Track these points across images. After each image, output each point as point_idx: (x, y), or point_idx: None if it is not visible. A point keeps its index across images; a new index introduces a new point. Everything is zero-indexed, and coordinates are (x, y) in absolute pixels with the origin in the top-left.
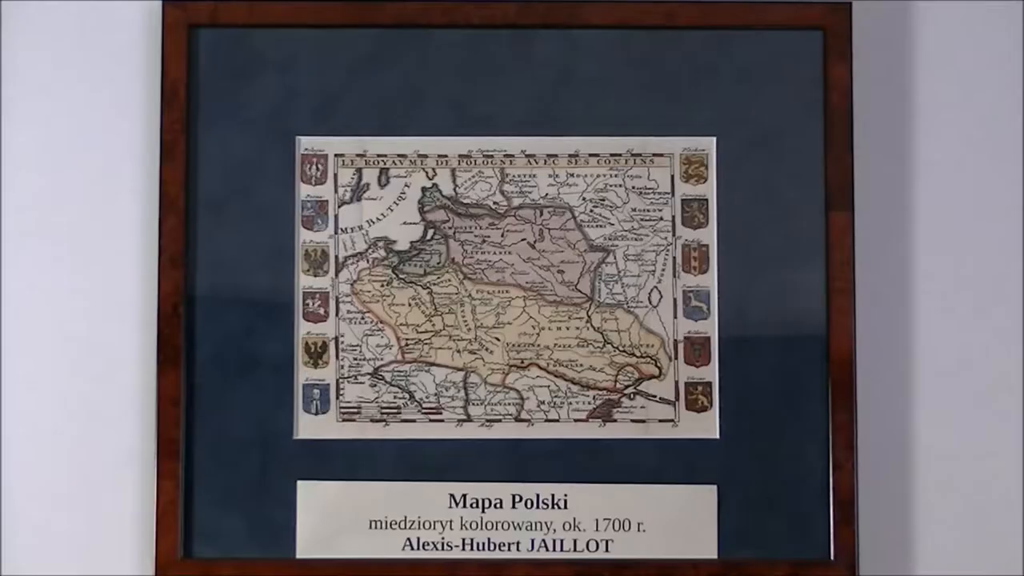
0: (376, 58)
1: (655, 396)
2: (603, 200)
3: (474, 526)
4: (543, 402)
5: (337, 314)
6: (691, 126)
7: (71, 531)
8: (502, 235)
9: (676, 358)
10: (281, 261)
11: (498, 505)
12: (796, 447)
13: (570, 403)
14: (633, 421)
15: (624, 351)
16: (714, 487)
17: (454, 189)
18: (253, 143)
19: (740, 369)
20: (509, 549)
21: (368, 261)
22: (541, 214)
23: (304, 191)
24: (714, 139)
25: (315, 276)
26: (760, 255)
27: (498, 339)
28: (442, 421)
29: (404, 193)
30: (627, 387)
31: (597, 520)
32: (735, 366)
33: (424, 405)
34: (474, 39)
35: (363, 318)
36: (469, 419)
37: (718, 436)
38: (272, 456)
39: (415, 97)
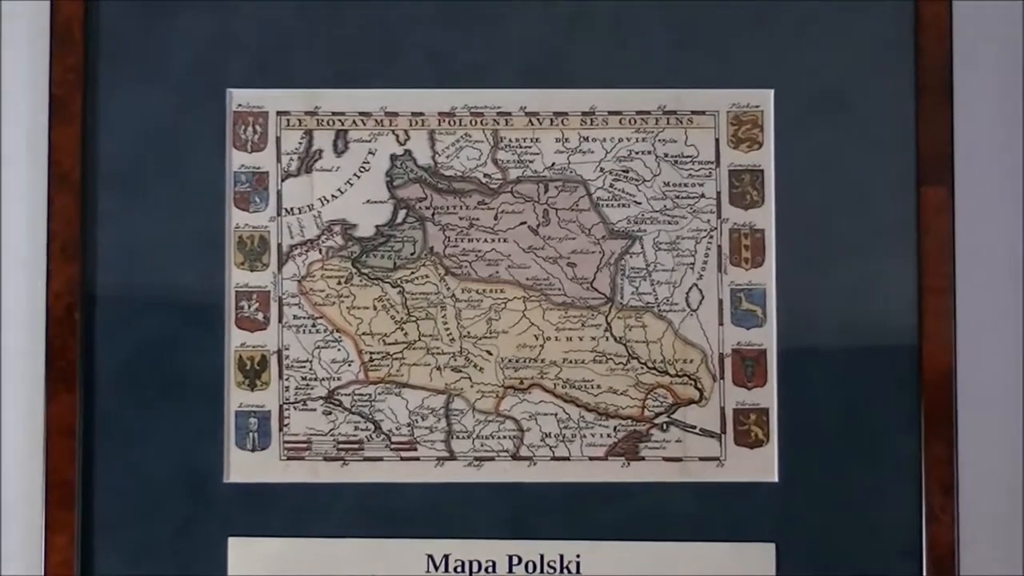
0: None
1: (695, 427)
2: (627, 172)
3: None
4: (548, 435)
5: (280, 320)
6: (742, 76)
7: None
8: (495, 217)
9: (722, 377)
10: (207, 251)
11: (490, 569)
12: (878, 492)
13: (584, 436)
14: (666, 459)
15: (654, 368)
16: (771, 545)
17: (433, 157)
18: (171, 98)
19: (805, 391)
20: None
21: (321, 251)
22: (546, 190)
23: (237, 160)
24: (771, 92)
25: (251, 271)
26: (831, 243)
27: (490, 353)
28: (417, 460)
29: (368, 162)
30: (658, 415)
31: None
32: (798, 388)
33: (394, 439)
34: None
35: (314, 325)
36: (452, 457)
37: (776, 479)
38: (197, 504)
39: (383, 38)
